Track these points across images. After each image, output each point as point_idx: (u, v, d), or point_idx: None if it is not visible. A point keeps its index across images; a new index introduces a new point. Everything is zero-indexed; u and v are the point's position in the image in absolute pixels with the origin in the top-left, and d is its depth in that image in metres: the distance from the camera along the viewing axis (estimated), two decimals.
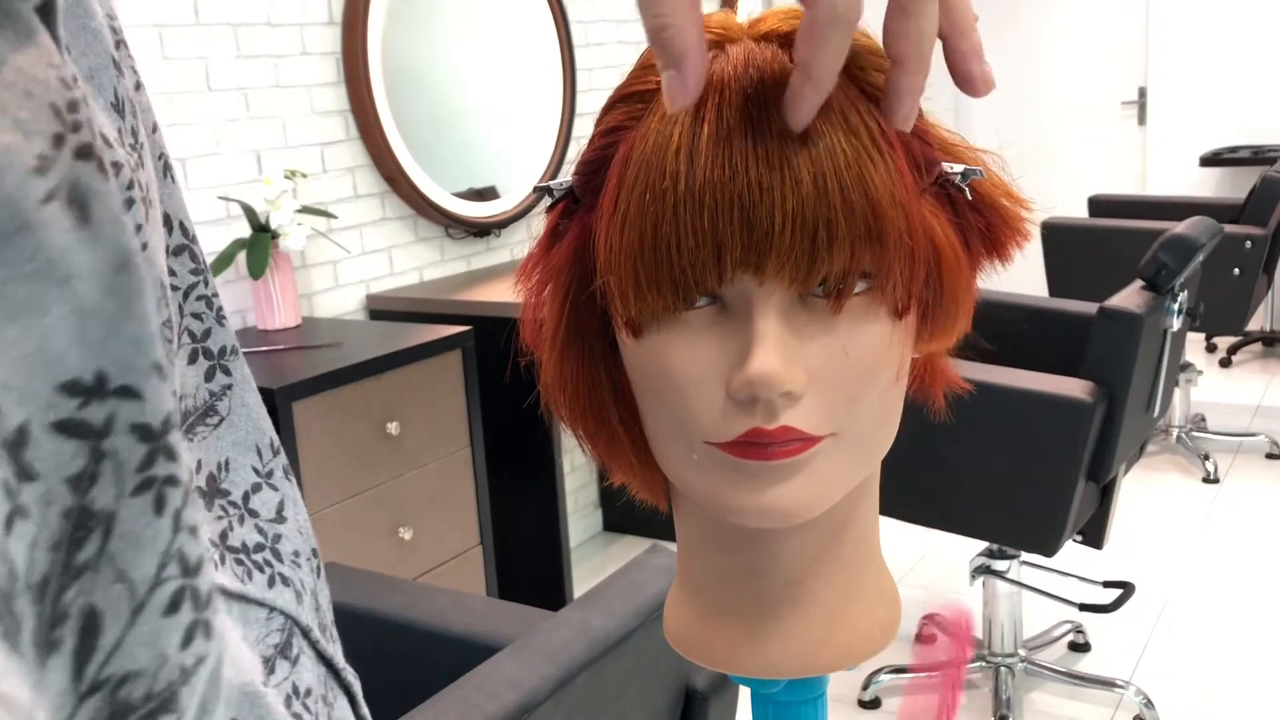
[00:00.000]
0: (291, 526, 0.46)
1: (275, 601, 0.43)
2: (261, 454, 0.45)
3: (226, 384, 0.44)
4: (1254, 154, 4.94)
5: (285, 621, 0.43)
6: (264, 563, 0.43)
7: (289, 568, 0.45)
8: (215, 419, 0.44)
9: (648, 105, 0.48)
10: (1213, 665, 2.61)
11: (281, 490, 0.46)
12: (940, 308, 0.49)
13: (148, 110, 0.41)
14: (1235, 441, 3.92)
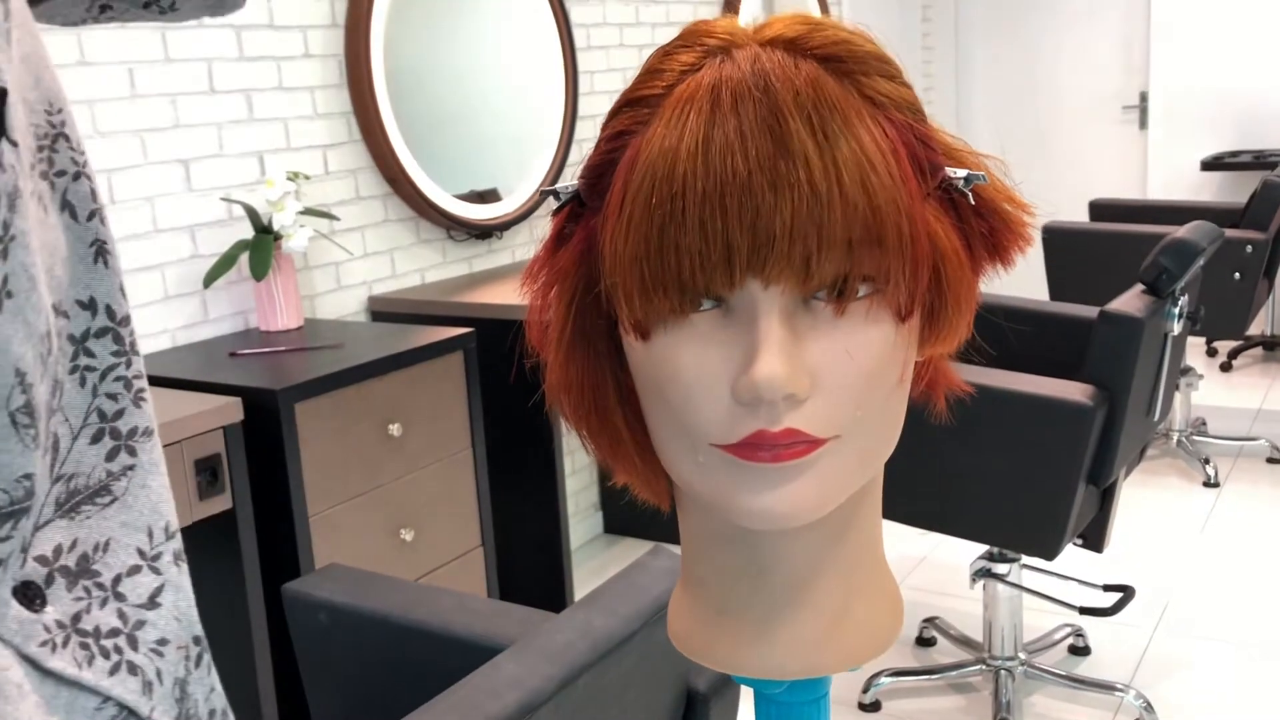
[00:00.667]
0: (166, 613, 0.46)
1: (111, 690, 0.43)
2: (153, 536, 0.46)
3: (129, 464, 0.46)
4: (1255, 159, 4.94)
5: (119, 711, 0.43)
6: (113, 649, 0.43)
7: (145, 656, 0.45)
8: (106, 498, 0.45)
9: (654, 110, 0.48)
10: (1212, 669, 2.61)
11: (165, 575, 0.46)
12: (943, 311, 0.49)
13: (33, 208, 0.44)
14: (1236, 446, 3.92)
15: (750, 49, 0.47)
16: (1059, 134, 5.65)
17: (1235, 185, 5.16)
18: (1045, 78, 5.68)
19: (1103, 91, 5.57)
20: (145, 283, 2.29)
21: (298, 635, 1.47)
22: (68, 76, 2.13)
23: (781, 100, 0.45)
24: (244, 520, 1.97)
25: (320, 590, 1.44)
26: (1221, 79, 5.21)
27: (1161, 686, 2.54)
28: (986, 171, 0.49)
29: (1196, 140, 5.30)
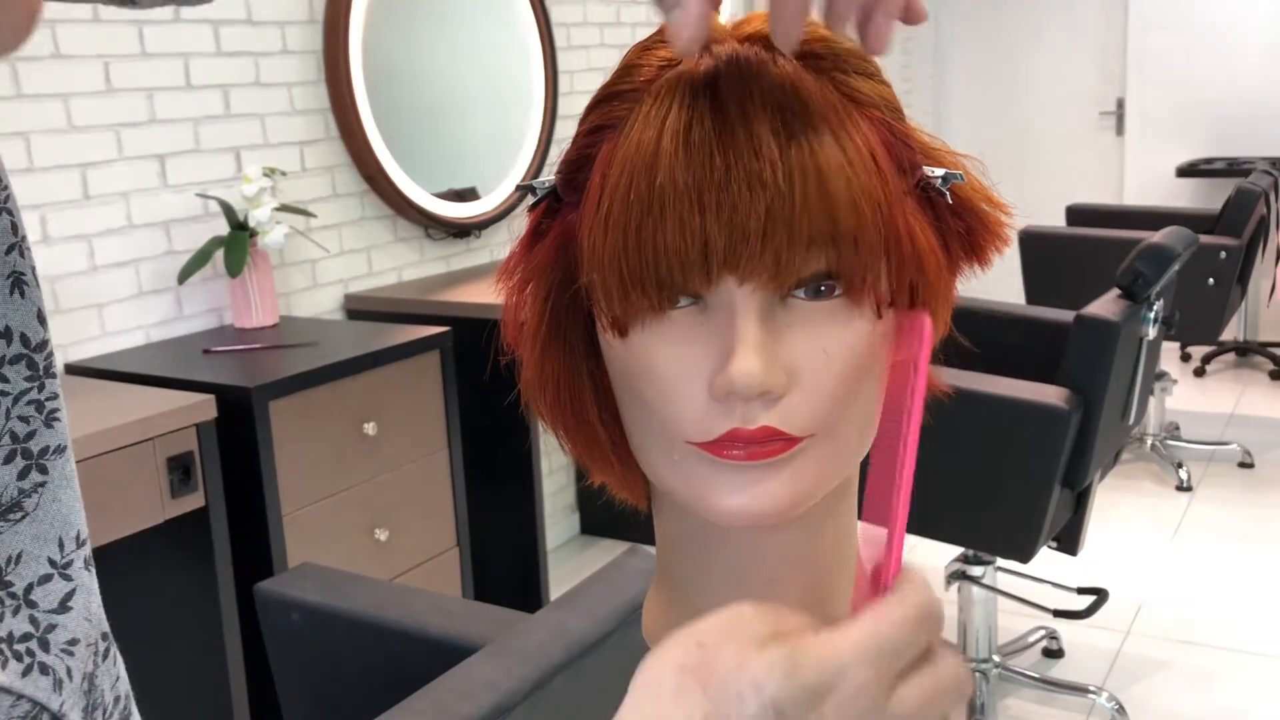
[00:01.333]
0: (76, 615, 0.49)
1: (24, 689, 0.46)
2: (64, 545, 0.49)
3: (40, 482, 0.49)
4: (1229, 166, 4.98)
5: (33, 708, 0.46)
6: (25, 652, 0.47)
7: (56, 657, 0.48)
8: (18, 514, 0.47)
9: (631, 105, 0.48)
10: (1184, 672, 2.63)
11: (76, 580, 0.50)
12: (920, 310, 0.49)
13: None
14: (1208, 450, 3.95)
15: (729, 45, 0.47)
16: (1037, 140, 5.68)
17: (1210, 192, 5.21)
18: (1023, 84, 5.71)
19: (1080, 98, 5.61)
20: (120, 279, 2.27)
21: (270, 635, 1.46)
22: (42, 70, 2.11)
23: (759, 98, 0.44)
24: (217, 519, 1.95)
25: (293, 590, 1.43)
26: (1197, 86, 5.26)
27: (1134, 689, 2.56)
28: (964, 171, 0.49)
29: (1172, 147, 5.35)
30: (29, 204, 2.10)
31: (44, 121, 2.12)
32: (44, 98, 2.11)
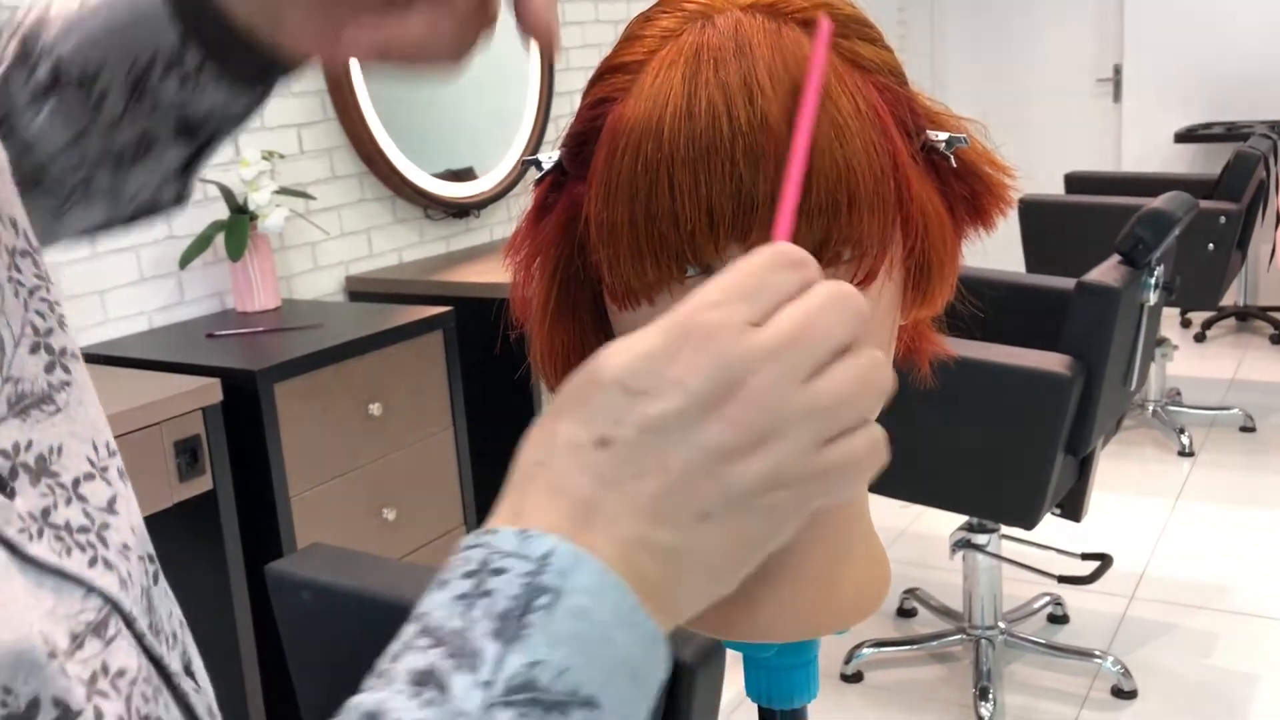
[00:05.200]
0: (124, 521, 0.47)
1: (95, 581, 0.43)
2: (97, 450, 0.47)
3: (65, 380, 0.47)
4: (1228, 130, 4.97)
5: (105, 604, 0.43)
6: (87, 544, 0.44)
7: (116, 556, 0.45)
8: (52, 408, 0.46)
9: (634, 77, 0.48)
10: (1188, 635, 2.64)
11: (115, 488, 0.47)
12: (927, 273, 0.50)
13: None
14: (1210, 415, 3.96)
15: (731, 14, 0.47)
16: (1034, 108, 5.65)
17: (1209, 157, 5.19)
18: (1020, 52, 5.68)
19: (1077, 65, 5.58)
20: (120, 264, 2.27)
21: (281, 615, 1.47)
22: None
23: (763, 66, 0.45)
24: (225, 501, 1.96)
25: (303, 570, 1.44)
26: (1194, 51, 5.23)
27: (1139, 653, 2.57)
28: (968, 134, 0.49)
29: (1170, 112, 5.33)
30: None
31: None
32: None
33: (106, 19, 0.52)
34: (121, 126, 0.54)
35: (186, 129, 0.55)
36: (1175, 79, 5.30)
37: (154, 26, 0.52)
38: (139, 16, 0.52)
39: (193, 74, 0.52)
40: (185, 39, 0.52)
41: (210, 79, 0.53)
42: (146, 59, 0.52)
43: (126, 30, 0.52)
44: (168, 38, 0.52)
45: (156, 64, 0.52)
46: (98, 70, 0.53)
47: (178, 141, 0.56)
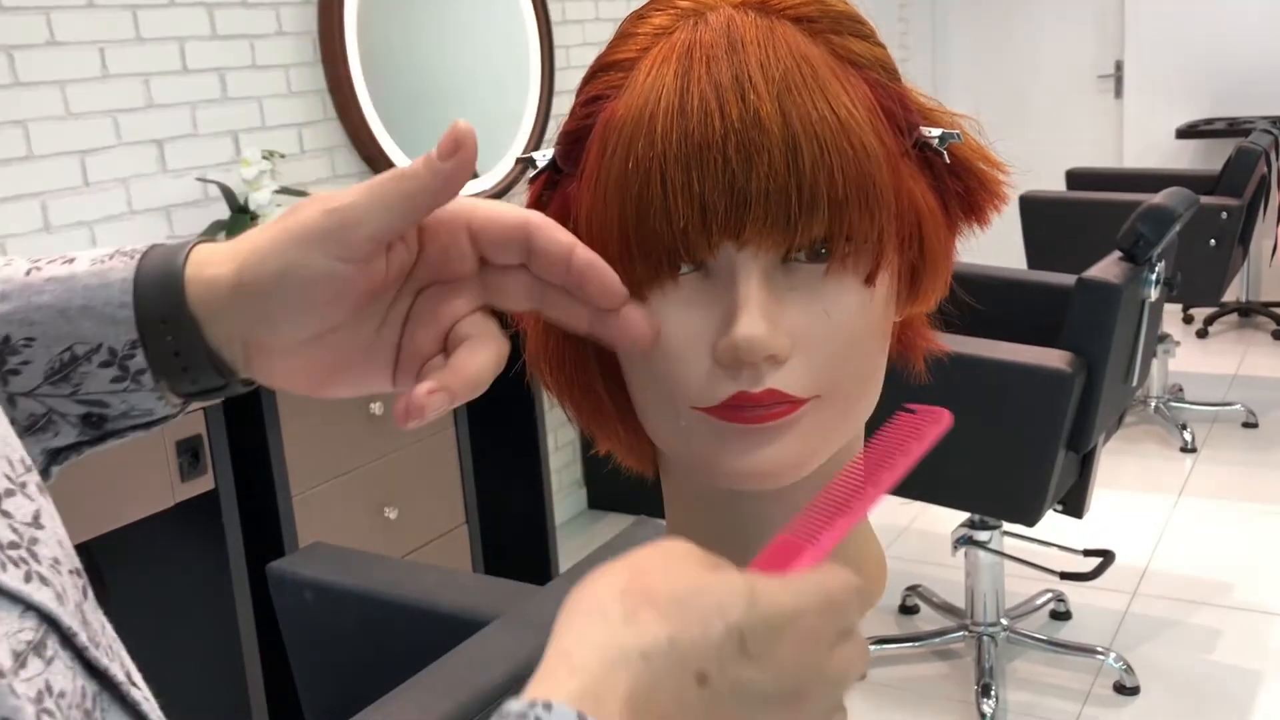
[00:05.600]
0: (50, 535, 0.46)
1: (31, 597, 0.42)
2: (13, 465, 0.46)
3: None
4: (1229, 126, 4.96)
5: (39, 624, 0.42)
6: (19, 559, 0.43)
7: (49, 570, 0.44)
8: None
9: (628, 74, 0.48)
10: (1191, 631, 2.64)
11: (37, 502, 0.46)
12: (921, 270, 0.50)
13: None
14: (1212, 411, 3.95)
15: (723, 11, 0.47)
16: (1035, 104, 5.65)
17: (1210, 152, 5.19)
18: (1021, 48, 5.68)
19: (1078, 61, 5.58)
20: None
21: (283, 614, 1.47)
22: (38, 58, 2.11)
23: (755, 63, 0.45)
24: (227, 500, 1.96)
25: (305, 569, 1.44)
26: (1195, 47, 5.23)
27: (1141, 649, 2.57)
28: (961, 131, 0.49)
29: (1171, 108, 5.32)
30: (29, 192, 2.10)
31: (41, 109, 2.12)
32: (41, 85, 2.11)
33: (56, 299, 0.48)
34: (24, 401, 0.49)
35: (95, 421, 0.51)
36: (1176, 75, 5.29)
37: (108, 323, 0.48)
38: (94, 308, 0.48)
39: (131, 376, 0.48)
40: (138, 345, 0.48)
41: (148, 384, 0.49)
42: (85, 350, 0.48)
43: (76, 317, 0.48)
44: (120, 337, 0.48)
45: (94, 356, 0.48)
46: (25, 343, 0.48)
47: (78, 428, 0.51)
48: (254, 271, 0.46)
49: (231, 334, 0.48)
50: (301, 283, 0.45)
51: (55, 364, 0.48)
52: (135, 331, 0.48)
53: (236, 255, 0.47)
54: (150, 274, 0.48)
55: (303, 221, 0.45)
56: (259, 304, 0.46)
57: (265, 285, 0.46)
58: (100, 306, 0.48)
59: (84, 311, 0.48)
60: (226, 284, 0.47)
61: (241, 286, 0.46)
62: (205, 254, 0.48)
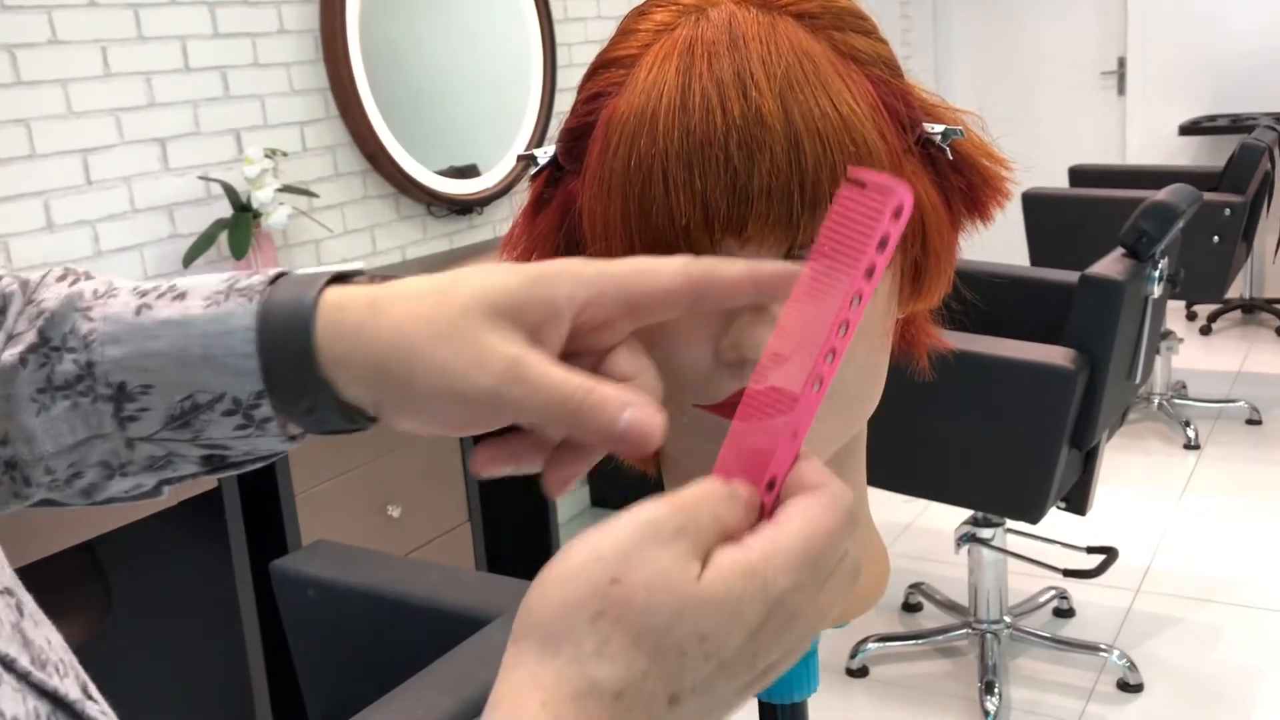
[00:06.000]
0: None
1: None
2: None
3: None
4: (1232, 122, 4.96)
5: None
6: None
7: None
8: None
9: (629, 71, 0.48)
10: (1194, 628, 2.64)
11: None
12: (924, 267, 0.50)
13: None
14: (1215, 408, 3.95)
15: (725, 7, 0.47)
16: (1038, 101, 5.65)
17: (1213, 149, 5.18)
18: (1024, 45, 5.67)
19: (1081, 58, 5.57)
20: (124, 263, 2.28)
21: (287, 612, 1.47)
22: (41, 56, 2.11)
23: (756, 59, 0.44)
24: (230, 499, 1.96)
25: (308, 567, 1.44)
26: (1199, 44, 5.22)
27: (1145, 647, 2.57)
28: (964, 127, 0.49)
29: (1174, 105, 5.31)
30: (32, 191, 2.10)
31: (44, 108, 2.12)
32: (43, 84, 2.11)
33: (172, 345, 0.46)
34: (142, 444, 0.47)
35: (215, 461, 0.49)
36: (1179, 71, 5.29)
37: (231, 374, 0.45)
38: (215, 358, 0.45)
39: (257, 424, 0.46)
40: (264, 395, 0.45)
41: (273, 431, 0.47)
42: (208, 399, 0.46)
43: (196, 366, 0.45)
44: (245, 388, 0.45)
45: (217, 405, 0.46)
46: (142, 391, 0.46)
47: (198, 466, 0.49)
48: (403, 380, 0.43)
49: (366, 398, 0.45)
50: (446, 415, 0.43)
51: (175, 411, 0.46)
52: (261, 382, 0.45)
53: (376, 339, 0.43)
54: (277, 326, 0.45)
55: (460, 383, 0.41)
56: (397, 397, 0.44)
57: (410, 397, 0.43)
58: (222, 356, 0.45)
59: (204, 361, 0.45)
60: (367, 372, 0.43)
61: (387, 381, 0.43)
62: (337, 320, 0.44)
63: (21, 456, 0.47)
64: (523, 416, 0.41)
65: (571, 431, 0.41)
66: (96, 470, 0.48)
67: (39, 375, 0.46)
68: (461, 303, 0.42)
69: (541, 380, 0.40)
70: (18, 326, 0.48)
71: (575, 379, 0.40)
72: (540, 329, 0.41)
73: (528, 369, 0.40)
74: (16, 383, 0.47)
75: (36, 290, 0.49)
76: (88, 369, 0.46)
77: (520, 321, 0.41)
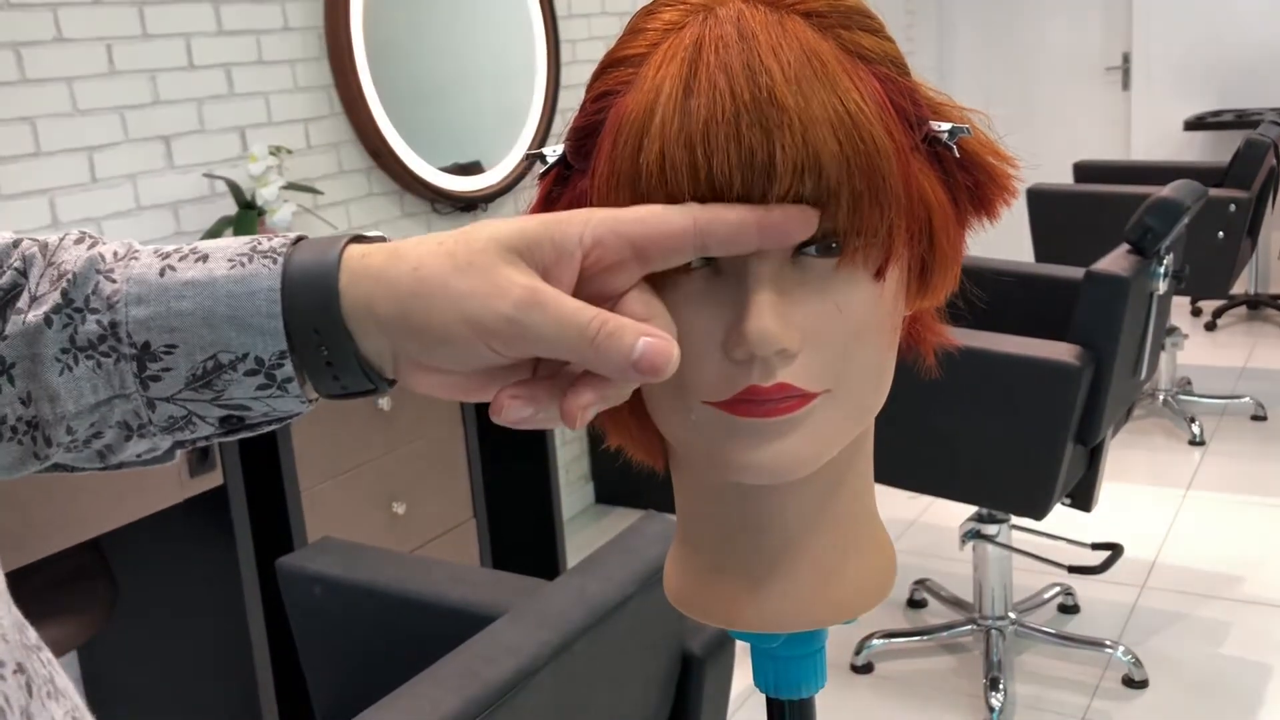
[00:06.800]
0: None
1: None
2: None
3: None
4: (1237, 118, 4.95)
5: None
6: None
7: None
8: None
9: (638, 70, 0.48)
10: (1199, 624, 2.64)
11: None
12: (931, 265, 0.50)
13: None
14: (1220, 404, 3.95)
15: (734, 6, 0.47)
16: (1042, 96, 5.64)
17: (1218, 145, 5.17)
18: (1028, 41, 5.66)
19: (1085, 54, 5.56)
20: None
21: (293, 609, 1.47)
22: (45, 54, 2.11)
23: (765, 57, 0.45)
24: (235, 496, 1.97)
25: (314, 564, 1.45)
26: (1203, 39, 5.21)
27: (1150, 643, 2.57)
28: (971, 125, 0.49)
29: (1179, 100, 5.31)
30: (37, 189, 2.11)
31: (49, 105, 2.12)
32: (48, 82, 2.12)
33: (197, 305, 0.46)
34: (164, 405, 0.48)
35: (234, 422, 0.49)
36: (1184, 67, 5.28)
37: (256, 333, 0.46)
38: (240, 318, 0.46)
39: (278, 384, 0.47)
40: (287, 354, 0.46)
41: (294, 391, 0.47)
42: (230, 358, 0.46)
43: (221, 325, 0.46)
44: (268, 347, 0.46)
45: (239, 365, 0.47)
46: (166, 351, 0.47)
47: (215, 427, 0.50)
48: (421, 320, 0.44)
49: (384, 348, 0.46)
50: (465, 353, 0.44)
51: (198, 370, 0.47)
52: (285, 342, 0.46)
53: (399, 280, 0.44)
54: (300, 282, 0.46)
55: (479, 311, 0.43)
56: (416, 342, 0.45)
57: (428, 338, 0.44)
58: (247, 317, 0.46)
59: (229, 321, 0.46)
60: (387, 315, 0.45)
61: (406, 324, 0.44)
62: (361, 265, 0.46)
63: (44, 416, 0.48)
64: (540, 345, 0.43)
65: (587, 361, 0.43)
66: (116, 431, 0.49)
67: (63, 335, 0.47)
68: (481, 242, 0.44)
69: (559, 307, 0.42)
70: (40, 288, 0.48)
71: (591, 309, 0.42)
72: (552, 268, 0.44)
73: (544, 295, 0.42)
74: (41, 343, 0.47)
75: (55, 253, 0.50)
76: (111, 329, 0.47)
77: (534, 260, 0.43)
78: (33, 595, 1.90)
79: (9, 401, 0.48)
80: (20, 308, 0.48)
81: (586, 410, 0.44)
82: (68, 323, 0.47)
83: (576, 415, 0.44)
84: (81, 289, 0.48)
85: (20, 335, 0.47)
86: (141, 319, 0.47)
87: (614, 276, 0.45)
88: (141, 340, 0.47)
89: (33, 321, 0.47)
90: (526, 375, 0.46)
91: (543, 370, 0.46)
